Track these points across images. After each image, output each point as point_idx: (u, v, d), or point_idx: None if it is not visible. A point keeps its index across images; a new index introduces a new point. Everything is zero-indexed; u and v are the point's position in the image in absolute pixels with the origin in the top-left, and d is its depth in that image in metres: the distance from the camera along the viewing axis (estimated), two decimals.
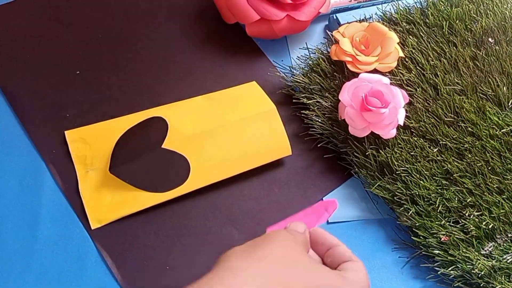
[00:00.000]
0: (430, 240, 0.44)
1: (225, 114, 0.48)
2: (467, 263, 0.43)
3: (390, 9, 0.56)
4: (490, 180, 0.46)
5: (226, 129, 0.47)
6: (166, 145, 0.45)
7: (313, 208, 0.40)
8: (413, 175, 0.46)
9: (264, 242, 0.33)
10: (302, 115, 0.50)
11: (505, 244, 0.44)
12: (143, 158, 0.45)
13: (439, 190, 0.46)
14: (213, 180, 0.46)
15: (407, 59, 0.53)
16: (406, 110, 0.49)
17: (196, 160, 0.46)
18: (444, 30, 0.55)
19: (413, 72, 0.52)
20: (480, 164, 0.47)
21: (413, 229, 0.45)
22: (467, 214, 0.45)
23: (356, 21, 0.54)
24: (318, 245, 0.36)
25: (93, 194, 0.45)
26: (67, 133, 0.47)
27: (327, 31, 0.57)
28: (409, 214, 0.45)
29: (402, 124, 0.48)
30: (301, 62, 0.54)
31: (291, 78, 0.53)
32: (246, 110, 0.49)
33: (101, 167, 0.45)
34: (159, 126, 0.47)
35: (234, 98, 0.50)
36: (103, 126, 0.47)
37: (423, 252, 0.44)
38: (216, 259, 0.34)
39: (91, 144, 0.46)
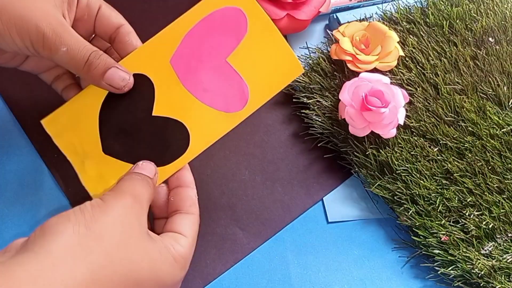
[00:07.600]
0: (430, 239, 0.44)
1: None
2: (467, 263, 0.43)
3: (390, 8, 0.56)
4: (490, 179, 0.46)
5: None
6: (156, 111, 0.40)
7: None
8: (413, 174, 0.46)
9: (100, 217, 0.30)
10: (302, 114, 0.50)
11: (505, 244, 0.44)
12: (135, 131, 0.40)
13: (439, 190, 0.46)
14: (220, 135, 0.40)
15: (407, 59, 0.53)
16: (406, 110, 0.49)
17: (194, 115, 0.40)
18: (444, 29, 0.54)
19: (413, 72, 0.52)
20: (480, 163, 0.47)
21: (413, 228, 0.45)
22: (467, 214, 0.45)
23: (356, 21, 0.54)
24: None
25: (98, 184, 0.40)
26: (44, 122, 0.40)
27: (327, 30, 0.57)
28: (409, 213, 0.45)
29: (402, 123, 0.48)
30: (301, 61, 0.54)
31: None
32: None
33: (94, 151, 0.40)
34: (143, 89, 0.40)
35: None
36: (79, 101, 0.41)
37: (423, 252, 0.44)
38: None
39: (74, 128, 0.40)
